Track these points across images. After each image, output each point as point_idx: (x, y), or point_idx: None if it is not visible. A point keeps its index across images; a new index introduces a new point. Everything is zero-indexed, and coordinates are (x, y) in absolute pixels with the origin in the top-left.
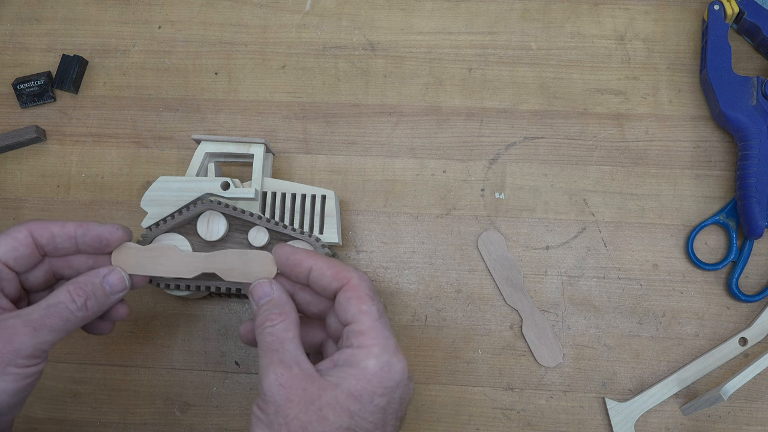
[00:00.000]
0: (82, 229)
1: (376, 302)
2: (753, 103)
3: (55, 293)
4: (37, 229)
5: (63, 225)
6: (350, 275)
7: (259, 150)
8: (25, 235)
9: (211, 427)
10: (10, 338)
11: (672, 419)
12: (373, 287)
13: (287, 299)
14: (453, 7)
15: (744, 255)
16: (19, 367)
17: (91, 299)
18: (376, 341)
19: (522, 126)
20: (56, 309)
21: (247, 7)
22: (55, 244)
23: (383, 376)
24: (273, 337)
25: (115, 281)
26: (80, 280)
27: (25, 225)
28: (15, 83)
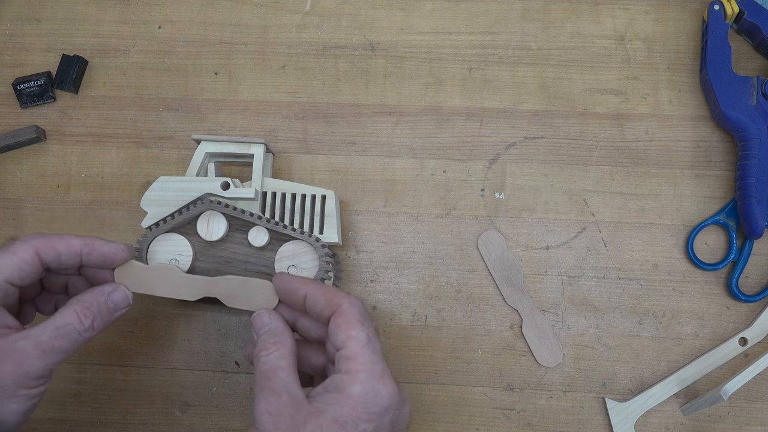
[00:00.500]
0: (88, 247)
1: (366, 327)
2: (753, 103)
3: (62, 313)
4: (44, 247)
5: (68, 243)
6: (341, 301)
7: (259, 150)
8: (31, 255)
9: (211, 427)
10: (21, 361)
11: (672, 419)
12: (364, 312)
13: (284, 328)
14: (453, 7)
15: (744, 255)
16: (28, 389)
17: (98, 319)
18: (362, 367)
19: (522, 126)
20: (65, 331)
21: (247, 7)
22: (60, 262)
23: (368, 402)
24: (267, 366)
25: (119, 299)
26: (86, 299)
27: (30, 243)
28: (15, 83)
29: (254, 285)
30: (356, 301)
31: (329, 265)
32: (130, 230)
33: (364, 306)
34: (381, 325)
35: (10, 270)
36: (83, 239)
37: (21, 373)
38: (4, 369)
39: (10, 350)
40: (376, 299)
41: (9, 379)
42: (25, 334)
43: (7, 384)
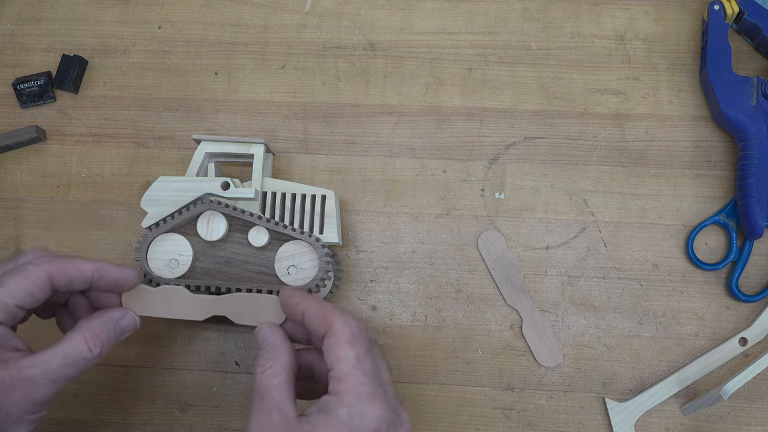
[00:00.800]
0: (99, 273)
1: (357, 347)
2: (753, 103)
3: (71, 340)
4: (56, 273)
5: (81, 269)
6: (334, 321)
7: (259, 150)
8: (44, 281)
9: (211, 427)
10: (29, 391)
11: (672, 419)
12: (358, 332)
13: (282, 343)
14: (453, 7)
15: (744, 255)
16: (33, 414)
17: (106, 346)
18: (349, 388)
19: (522, 126)
20: (74, 359)
21: (247, 7)
22: (70, 287)
23: (354, 425)
24: (260, 383)
25: (128, 326)
26: (95, 326)
27: (43, 268)
28: (15, 83)
29: (261, 301)
30: (350, 320)
31: (329, 265)
32: (130, 230)
33: (360, 325)
34: (381, 325)
35: (22, 296)
36: (95, 265)
37: (29, 401)
38: (13, 398)
39: (19, 379)
40: (376, 299)
41: (16, 408)
42: (34, 362)
43: (14, 412)
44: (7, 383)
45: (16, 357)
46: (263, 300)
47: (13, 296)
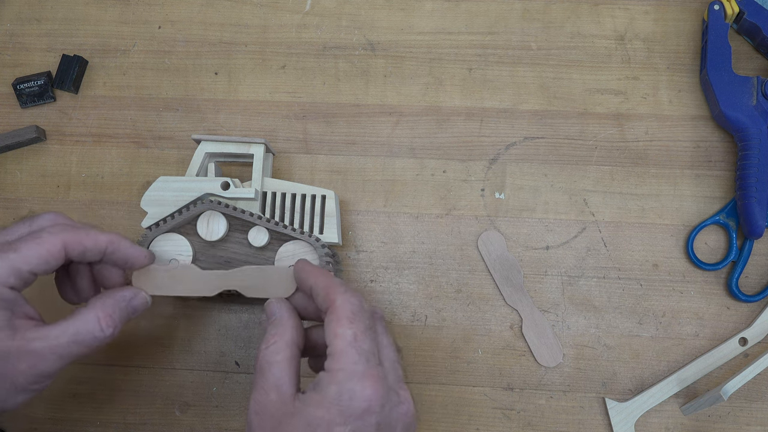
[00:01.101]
0: (113, 246)
1: (355, 325)
2: (753, 103)
3: (83, 318)
4: (72, 242)
5: (96, 240)
6: (335, 297)
7: (259, 150)
8: (59, 249)
9: (211, 427)
10: (36, 364)
11: (672, 419)
12: (359, 309)
13: (287, 318)
14: (453, 7)
15: (744, 255)
16: (38, 385)
17: (118, 326)
18: (342, 366)
19: (522, 126)
20: (83, 337)
21: (247, 7)
22: (83, 257)
23: (343, 404)
24: (262, 360)
25: (140, 305)
26: (108, 305)
27: (59, 236)
28: (15, 83)
29: (271, 272)
30: (352, 297)
31: (329, 265)
32: (130, 230)
33: (362, 302)
34: None
35: (36, 263)
36: (109, 238)
37: (34, 373)
38: (20, 368)
39: (27, 351)
40: (376, 299)
41: (22, 378)
42: (43, 335)
43: (20, 381)
44: (14, 353)
45: (27, 326)
46: (272, 272)
47: (27, 262)
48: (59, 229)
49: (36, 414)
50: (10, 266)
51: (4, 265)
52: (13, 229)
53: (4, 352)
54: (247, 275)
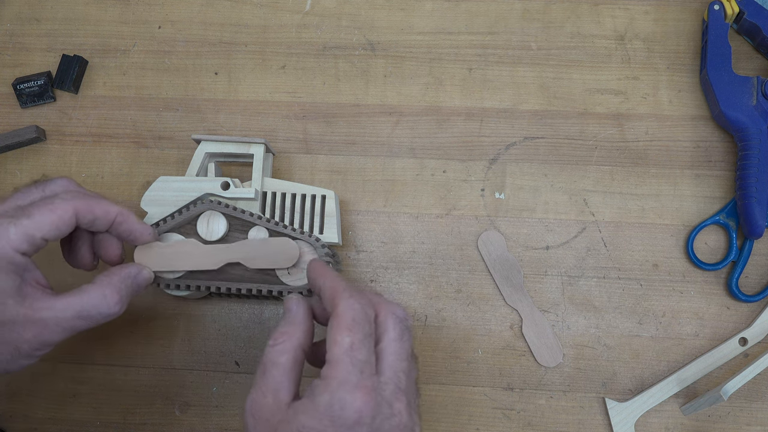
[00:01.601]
0: (122, 218)
1: (354, 333)
2: (753, 103)
3: (90, 294)
4: (83, 210)
5: (107, 210)
6: (338, 301)
7: (259, 150)
8: (70, 216)
9: (211, 427)
10: (40, 333)
11: (672, 419)
12: (360, 315)
13: (302, 320)
14: (453, 7)
15: (744, 255)
16: (42, 350)
17: (125, 303)
18: (336, 374)
19: (522, 126)
20: (89, 314)
21: (247, 7)
22: (91, 226)
23: (333, 414)
24: (267, 358)
25: (144, 281)
26: (114, 282)
27: (71, 203)
28: (15, 83)
29: (274, 243)
30: (355, 303)
31: (329, 265)
32: None
33: (364, 309)
34: None
35: (48, 229)
36: (119, 209)
37: (39, 341)
38: (25, 336)
39: (33, 320)
40: None
41: (26, 345)
42: (51, 305)
43: (24, 348)
44: (21, 320)
45: (35, 294)
46: (275, 243)
47: (39, 229)
48: (71, 196)
49: (36, 414)
50: (23, 232)
51: (17, 230)
52: (25, 193)
53: (11, 319)
54: (250, 247)
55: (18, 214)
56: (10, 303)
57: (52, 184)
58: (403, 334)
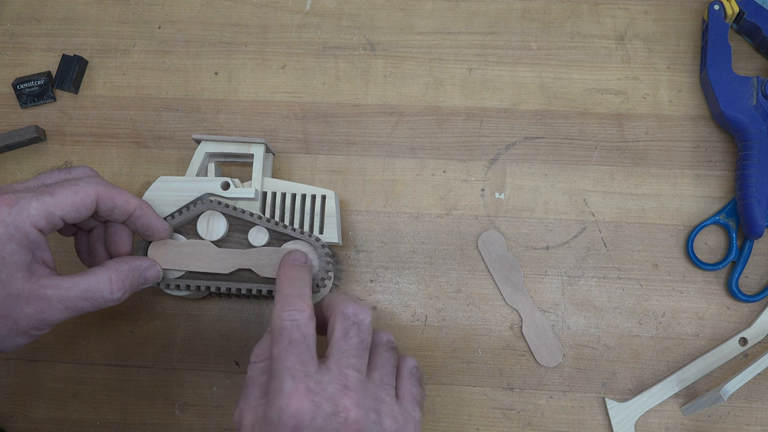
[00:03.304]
0: (140, 211)
1: (279, 343)
2: (753, 103)
3: (96, 277)
4: (104, 197)
5: (126, 200)
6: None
7: (259, 150)
8: (92, 200)
9: (211, 427)
10: (42, 310)
11: (672, 419)
12: (286, 327)
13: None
14: (453, 7)
15: (744, 255)
16: (39, 330)
17: (128, 292)
18: (272, 385)
19: (522, 126)
20: (92, 295)
21: (247, 7)
22: (110, 214)
23: (275, 425)
24: (248, 375)
25: (151, 278)
26: (123, 270)
27: (94, 188)
28: (15, 83)
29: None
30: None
31: (329, 265)
32: None
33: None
34: (381, 325)
35: (69, 209)
36: (139, 202)
37: (39, 319)
38: (26, 311)
39: (37, 296)
40: (376, 299)
41: (26, 321)
42: (56, 284)
43: (23, 324)
44: (26, 295)
45: (42, 272)
46: None
47: (60, 208)
48: (95, 182)
49: (36, 414)
50: (44, 208)
51: (38, 206)
52: (50, 174)
53: (16, 293)
54: (264, 255)
55: (42, 191)
56: (18, 277)
57: (76, 170)
58: (349, 330)
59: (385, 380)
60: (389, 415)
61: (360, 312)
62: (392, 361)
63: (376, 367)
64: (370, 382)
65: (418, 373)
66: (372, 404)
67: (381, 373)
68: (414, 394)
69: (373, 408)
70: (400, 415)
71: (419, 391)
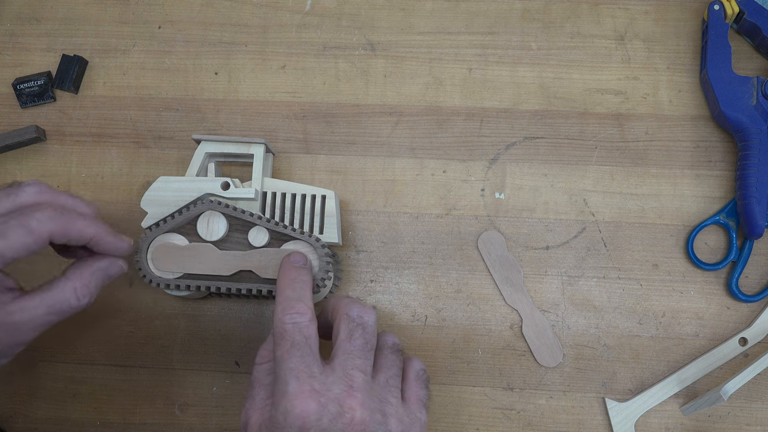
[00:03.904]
0: (95, 239)
1: (281, 346)
2: (753, 103)
3: (60, 288)
4: (58, 234)
5: (80, 233)
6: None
7: (259, 150)
8: (44, 239)
9: (211, 427)
10: (13, 334)
11: (672, 419)
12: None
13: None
14: (453, 7)
15: (744, 255)
16: (16, 349)
17: (94, 294)
18: (276, 388)
19: (522, 126)
20: (61, 308)
21: (247, 7)
22: (67, 244)
23: (282, 426)
24: (253, 376)
25: (115, 273)
26: (84, 276)
27: (47, 227)
28: (15, 83)
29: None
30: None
31: (329, 265)
32: (130, 230)
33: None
34: (381, 326)
35: (22, 251)
36: (94, 230)
37: (12, 342)
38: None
39: (5, 323)
40: (376, 299)
41: (1, 346)
42: (21, 307)
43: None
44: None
45: (6, 299)
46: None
47: (13, 250)
48: (47, 218)
49: (36, 414)
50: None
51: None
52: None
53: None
54: (265, 256)
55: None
56: None
57: (23, 192)
58: (354, 332)
59: (391, 382)
60: (395, 416)
61: (365, 314)
62: (398, 363)
63: (381, 369)
64: (376, 383)
65: (424, 376)
66: (377, 405)
67: (386, 375)
68: (420, 397)
69: (379, 409)
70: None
71: (425, 394)
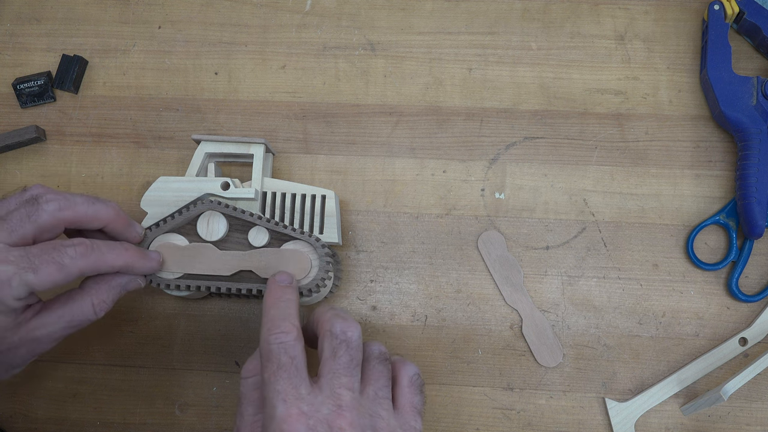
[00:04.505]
0: (125, 268)
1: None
2: (753, 103)
3: (79, 302)
4: (88, 270)
5: (110, 266)
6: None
7: (259, 150)
8: (74, 276)
9: (211, 427)
10: (34, 348)
11: (672, 419)
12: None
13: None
14: (453, 7)
15: (744, 255)
16: (32, 359)
17: (110, 307)
18: (266, 412)
19: (522, 126)
20: (79, 322)
21: (247, 7)
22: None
23: None
24: (240, 391)
25: (133, 288)
26: (102, 291)
27: (78, 264)
28: (15, 83)
29: (286, 254)
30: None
31: (329, 265)
32: None
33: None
34: (381, 325)
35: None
36: (123, 262)
37: (32, 355)
38: (19, 353)
39: (27, 340)
40: (376, 299)
41: (20, 360)
42: (42, 323)
43: (17, 362)
44: (17, 344)
45: (27, 317)
46: (289, 255)
47: (42, 284)
48: (80, 255)
49: (36, 414)
50: (25, 284)
51: (20, 281)
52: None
53: (7, 347)
54: (265, 256)
55: (23, 264)
56: (8, 335)
57: (43, 212)
58: (338, 349)
59: (380, 394)
60: (386, 430)
61: (348, 329)
62: (386, 373)
63: (369, 382)
64: (365, 398)
65: (419, 381)
66: (368, 421)
67: (375, 387)
68: (414, 404)
69: (370, 425)
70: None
71: (420, 400)
